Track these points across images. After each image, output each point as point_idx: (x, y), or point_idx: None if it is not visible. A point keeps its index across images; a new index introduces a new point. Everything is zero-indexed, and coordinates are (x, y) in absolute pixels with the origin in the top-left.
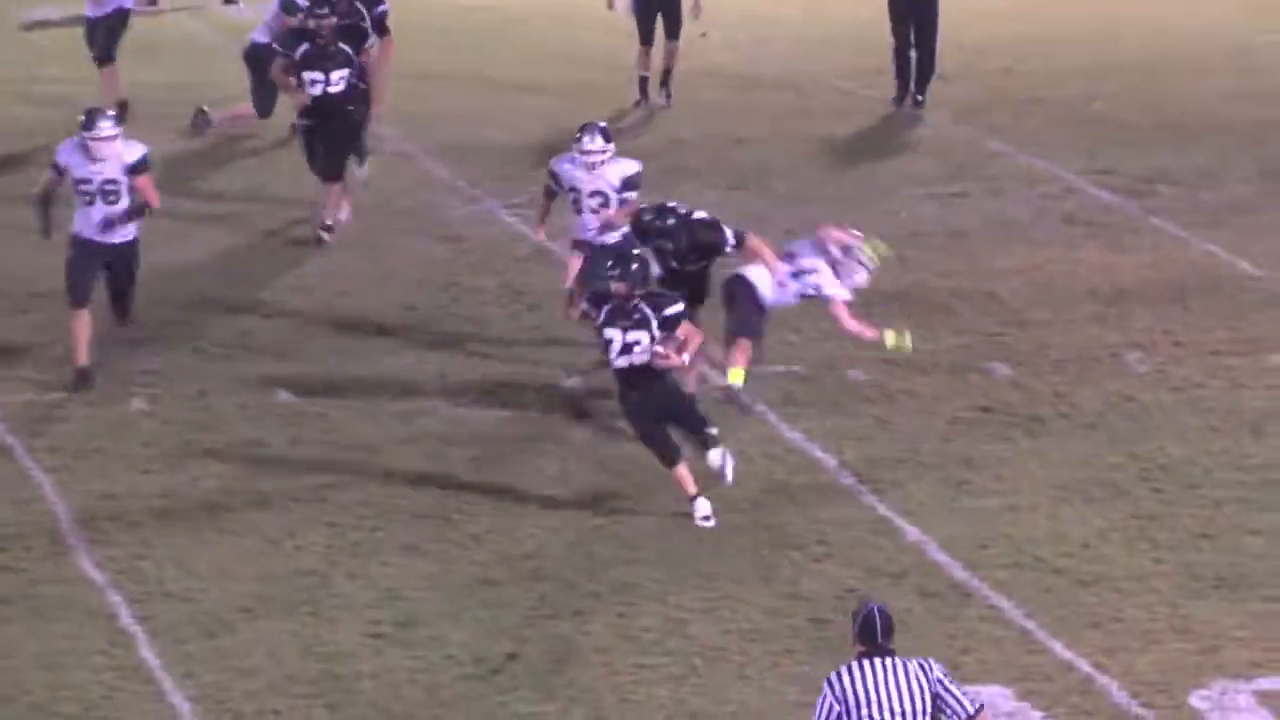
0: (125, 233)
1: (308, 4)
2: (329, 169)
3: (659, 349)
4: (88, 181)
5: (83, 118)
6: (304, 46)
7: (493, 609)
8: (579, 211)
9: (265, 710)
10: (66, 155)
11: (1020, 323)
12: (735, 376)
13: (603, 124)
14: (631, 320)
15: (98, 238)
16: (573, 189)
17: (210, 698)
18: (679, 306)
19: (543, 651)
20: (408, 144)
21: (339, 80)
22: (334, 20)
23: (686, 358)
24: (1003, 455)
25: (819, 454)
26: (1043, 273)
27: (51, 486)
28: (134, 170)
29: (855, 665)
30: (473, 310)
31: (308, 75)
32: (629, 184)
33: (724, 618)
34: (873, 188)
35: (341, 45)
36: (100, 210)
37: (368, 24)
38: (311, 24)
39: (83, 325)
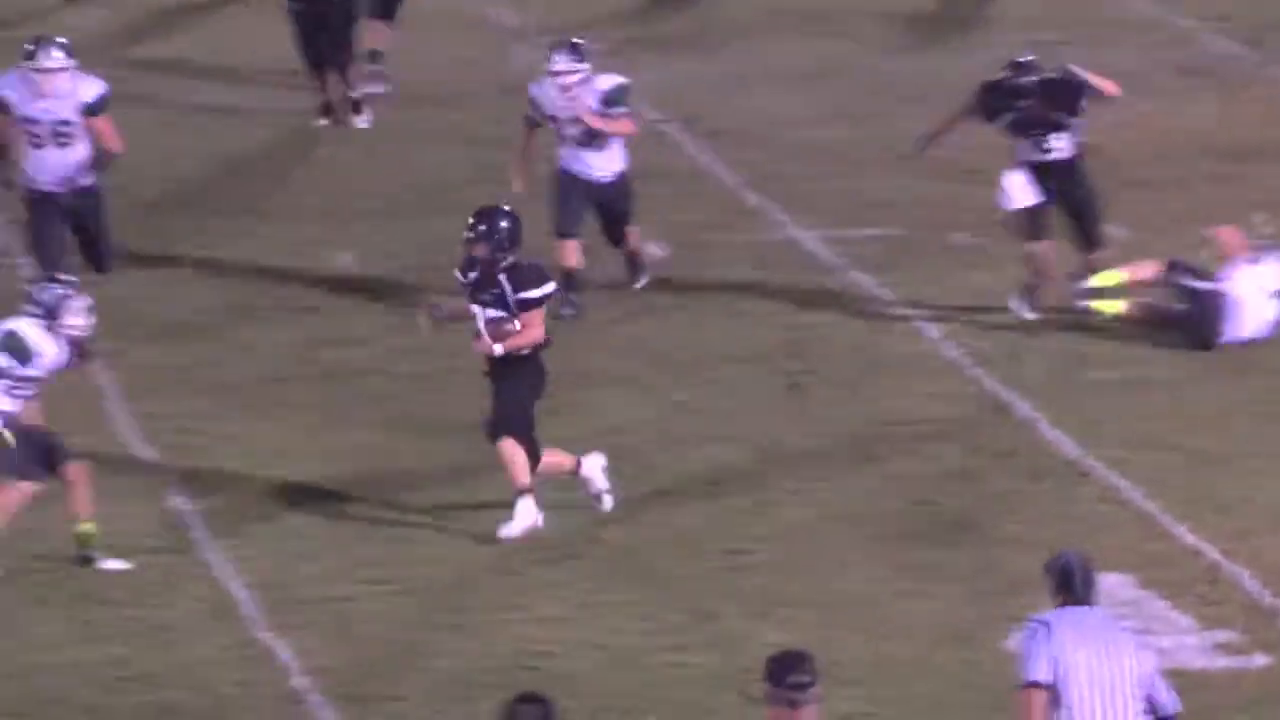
0: (84, 180)
1: None
2: (334, 56)
3: (483, 334)
4: (35, 121)
5: (28, 46)
6: None
7: (569, 490)
8: (562, 143)
9: (330, 597)
10: (8, 89)
11: (1133, 182)
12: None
13: (576, 40)
14: (490, 295)
15: (53, 187)
16: (551, 117)
17: (270, 584)
18: (543, 290)
19: (626, 536)
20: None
21: None
22: None
23: (499, 349)
24: (1117, 324)
25: (921, 324)
26: (1156, 128)
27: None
28: (90, 111)
29: (1066, 614)
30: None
31: None
32: (610, 99)
33: (821, 500)
34: (974, 35)
35: None
36: (53, 155)
37: None
38: None
39: None
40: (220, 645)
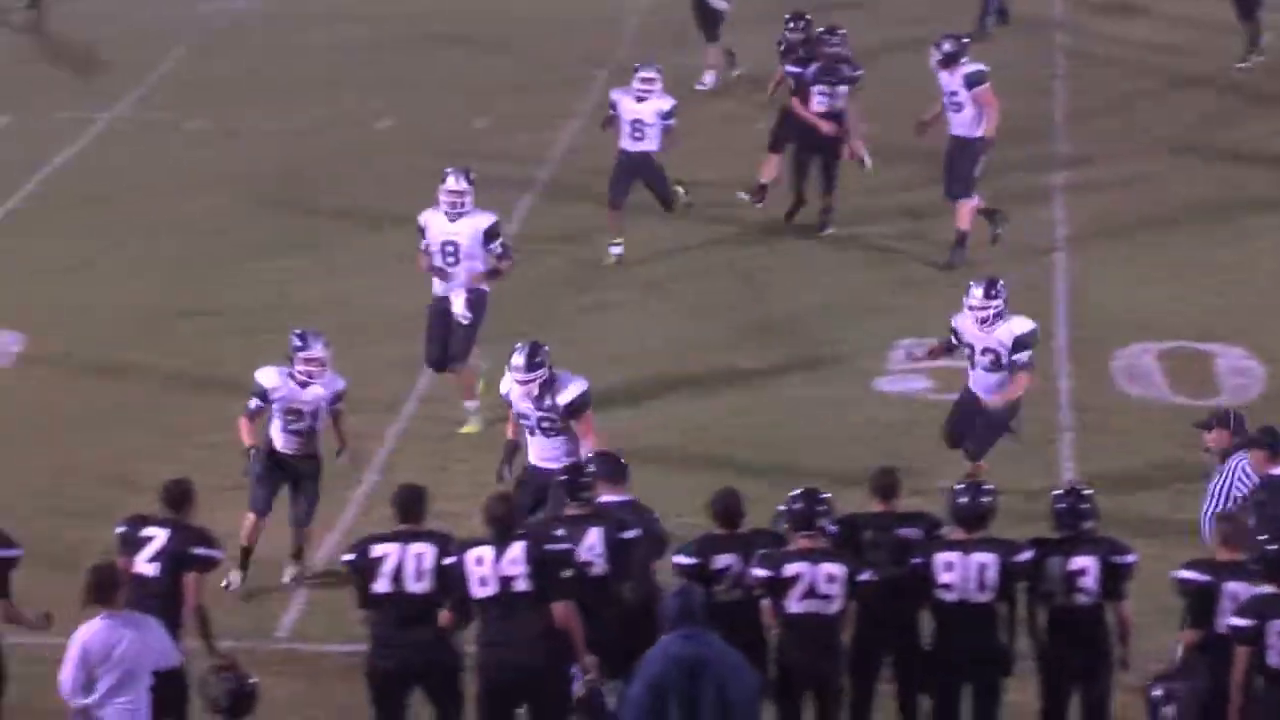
0: (555, 463)
1: None
2: None
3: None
4: (526, 417)
5: (519, 360)
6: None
7: None
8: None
9: None
10: (508, 390)
11: None
12: None
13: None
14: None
15: (539, 465)
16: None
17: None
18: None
19: None
20: None
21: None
22: None
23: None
24: None
25: None
26: None
27: None
28: (571, 411)
29: None
30: None
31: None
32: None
33: None
34: None
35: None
36: (540, 441)
37: None
38: None
39: None
40: None
